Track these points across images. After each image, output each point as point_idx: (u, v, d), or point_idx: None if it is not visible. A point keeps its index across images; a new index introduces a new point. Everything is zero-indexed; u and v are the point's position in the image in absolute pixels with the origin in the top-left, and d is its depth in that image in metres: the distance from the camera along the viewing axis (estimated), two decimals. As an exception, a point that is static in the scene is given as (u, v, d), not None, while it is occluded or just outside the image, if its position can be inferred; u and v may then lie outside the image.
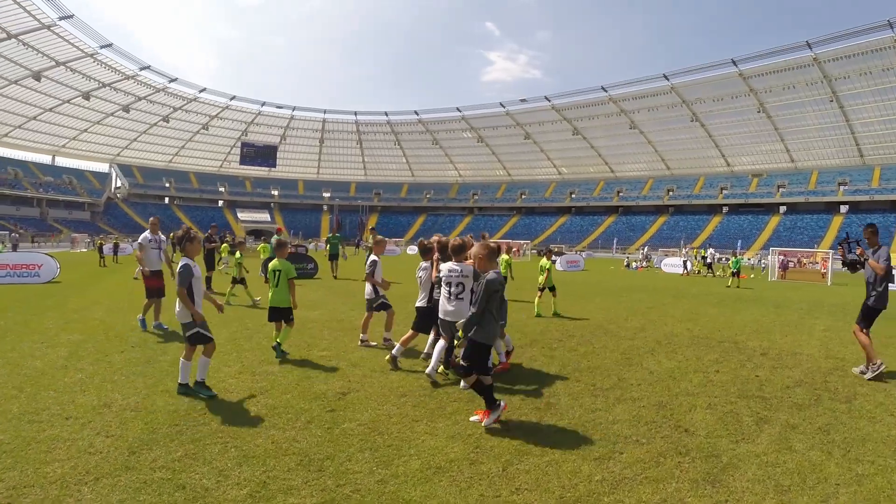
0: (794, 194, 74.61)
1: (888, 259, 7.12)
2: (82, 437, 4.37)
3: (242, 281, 12.87)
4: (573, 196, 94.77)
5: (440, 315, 6.39)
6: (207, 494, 3.49)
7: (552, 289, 12.42)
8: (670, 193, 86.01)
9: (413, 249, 52.66)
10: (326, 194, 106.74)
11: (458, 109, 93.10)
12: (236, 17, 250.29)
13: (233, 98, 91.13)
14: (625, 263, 43.04)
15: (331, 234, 21.25)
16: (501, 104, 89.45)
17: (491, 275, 4.89)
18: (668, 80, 72.70)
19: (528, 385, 6.41)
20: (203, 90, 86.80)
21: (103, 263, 26.26)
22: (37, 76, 67.17)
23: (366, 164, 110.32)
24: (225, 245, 25.30)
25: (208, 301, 6.05)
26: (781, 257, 31.79)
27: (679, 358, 8.00)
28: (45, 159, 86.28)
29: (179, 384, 5.63)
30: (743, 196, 79.09)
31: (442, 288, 6.35)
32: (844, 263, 7.72)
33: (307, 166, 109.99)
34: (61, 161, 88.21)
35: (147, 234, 9.55)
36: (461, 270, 6.19)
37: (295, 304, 7.56)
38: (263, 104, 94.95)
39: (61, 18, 60.03)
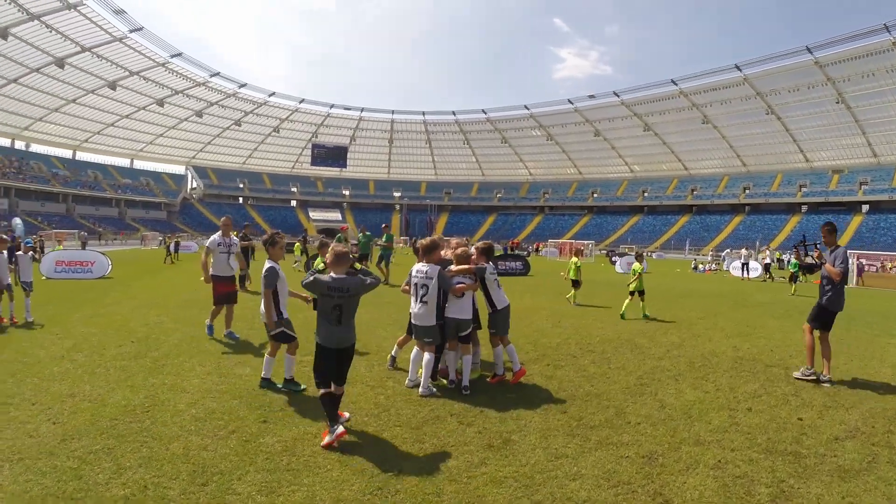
0: (878, 192, 68.15)
1: (845, 261, 6.93)
2: (33, 422, 4.61)
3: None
4: (645, 195, 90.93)
5: (411, 320, 6.13)
6: (93, 489, 3.52)
7: (641, 293, 12.38)
8: (746, 191, 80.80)
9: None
10: (397, 194, 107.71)
11: (525, 107, 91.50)
12: (310, 21, 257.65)
13: (302, 101, 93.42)
14: (692, 266, 40.30)
15: (360, 234, 19.22)
16: (570, 101, 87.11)
17: (324, 277, 4.55)
18: (740, 70, 68.03)
19: (497, 411, 5.34)
20: (272, 94, 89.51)
21: (168, 261, 28.14)
22: (112, 86, 71.28)
23: (436, 163, 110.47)
24: (297, 244, 25.62)
25: (294, 298, 6.22)
26: (861, 260, 28.09)
27: (707, 387, 6.56)
28: (124, 162, 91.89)
29: (262, 378, 5.90)
30: (823, 194, 73.03)
31: (411, 290, 6.12)
32: (801, 266, 7.29)
33: (378, 166, 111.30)
34: (139, 164, 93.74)
35: (216, 236, 8.64)
36: (426, 272, 5.91)
37: None
38: (332, 106, 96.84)
39: (132, 31, 63.17)
